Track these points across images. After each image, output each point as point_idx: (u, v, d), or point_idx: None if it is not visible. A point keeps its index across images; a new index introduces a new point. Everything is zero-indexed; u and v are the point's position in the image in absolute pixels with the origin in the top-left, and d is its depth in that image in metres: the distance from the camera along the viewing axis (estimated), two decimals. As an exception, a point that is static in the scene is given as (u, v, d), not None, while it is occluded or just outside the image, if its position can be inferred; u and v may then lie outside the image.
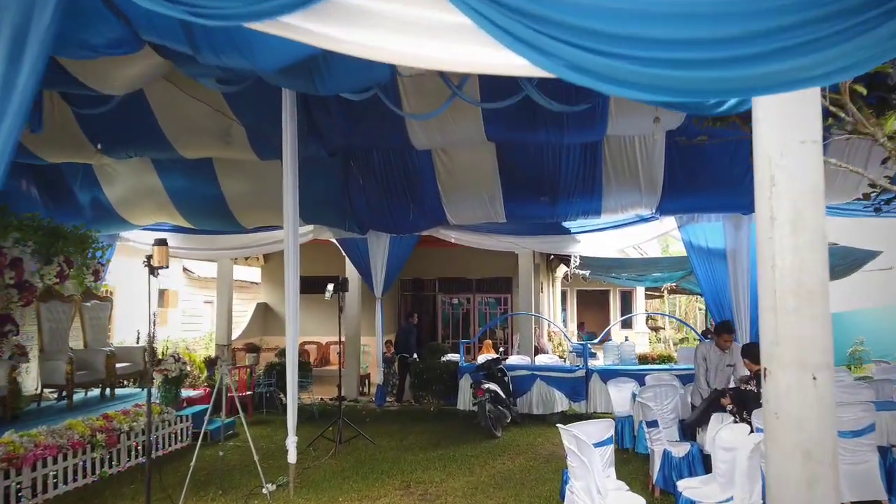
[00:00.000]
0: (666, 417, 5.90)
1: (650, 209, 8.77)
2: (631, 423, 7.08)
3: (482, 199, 8.75)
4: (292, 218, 6.00)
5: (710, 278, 9.39)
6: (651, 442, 5.31)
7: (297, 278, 5.94)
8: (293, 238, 5.97)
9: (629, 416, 7.13)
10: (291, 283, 5.90)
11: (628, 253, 12.07)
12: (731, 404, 4.91)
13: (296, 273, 5.92)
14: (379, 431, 8.70)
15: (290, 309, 5.88)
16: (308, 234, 10.65)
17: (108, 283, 16.33)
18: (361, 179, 8.67)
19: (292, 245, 5.94)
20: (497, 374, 9.14)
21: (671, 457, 5.13)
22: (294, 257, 5.91)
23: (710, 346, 6.10)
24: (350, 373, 11.48)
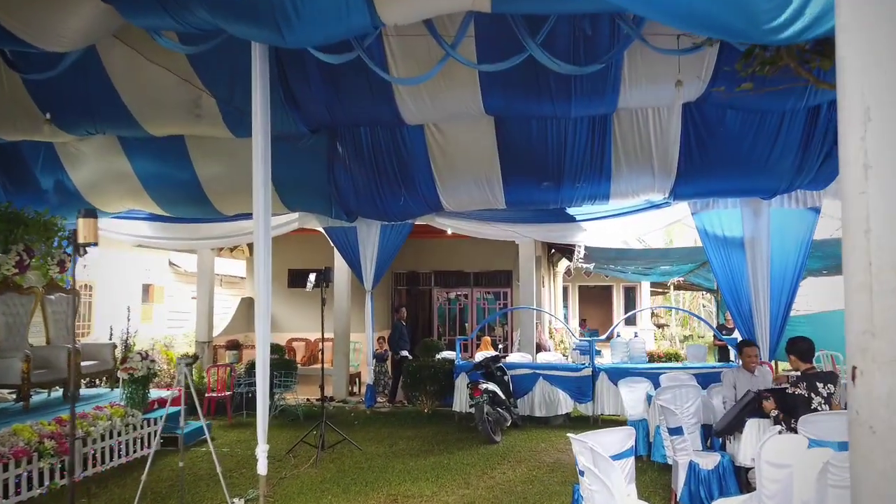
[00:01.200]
0: (688, 423, 5.21)
1: (663, 193, 8.08)
2: (645, 428, 6.40)
3: (480, 183, 8.05)
4: (262, 201, 5.29)
5: (726, 269, 8.72)
6: (674, 452, 4.62)
7: (268, 269, 5.24)
8: (263, 225, 5.26)
9: (643, 419, 6.45)
10: (262, 275, 5.20)
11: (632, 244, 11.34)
12: (775, 409, 4.21)
13: (266, 264, 5.21)
14: (367, 436, 8.01)
15: (260, 304, 5.18)
16: (293, 222, 9.98)
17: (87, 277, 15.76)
18: (348, 161, 7.96)
19: (262, 233, 5.24)
20: (496, 373, 8.46)
21: (698, 469, 4.45)
22: (265, 246, 5.21)
23: (738, 371, 5.40)
24: (339, 372, 10.80)
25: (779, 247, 8.47)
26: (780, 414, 4.16)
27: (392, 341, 10.41)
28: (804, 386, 4.10)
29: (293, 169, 8.23)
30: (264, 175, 5.38)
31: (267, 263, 5.28)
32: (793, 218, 8.46)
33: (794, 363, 4.33)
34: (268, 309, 5.29)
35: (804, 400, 4.05)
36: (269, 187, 5.53)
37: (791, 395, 4.13)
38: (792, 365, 4.33)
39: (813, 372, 4.21)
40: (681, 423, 4.51)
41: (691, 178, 7.60)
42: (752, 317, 8.59)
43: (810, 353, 4.25)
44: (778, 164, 7.28)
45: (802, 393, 4.08)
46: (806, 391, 4.07)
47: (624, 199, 8.37)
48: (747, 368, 5.33)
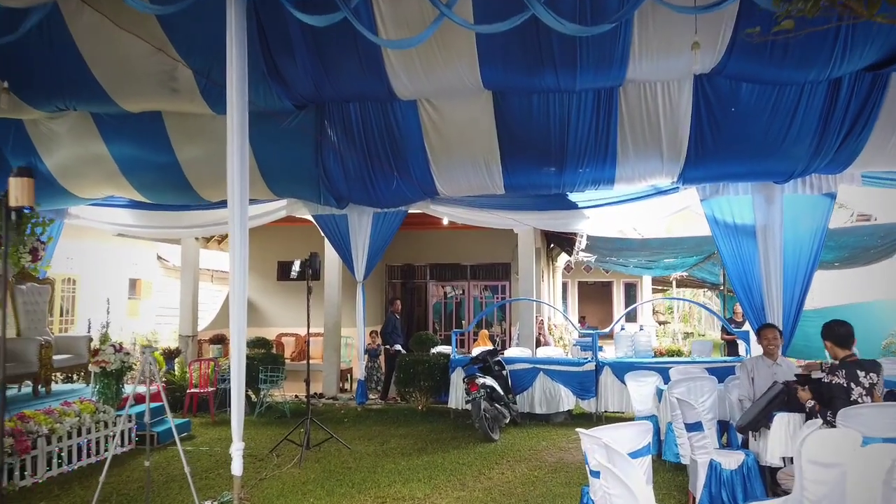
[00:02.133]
0: (704, 419, 4.77)
1: (671, 178, 7.65)
2: (655, 425, 5.96)
3: (477, 166, 7.61)
4: (238, 185, 4.85)
5: (736, 259, 8.30)
6: (693, 450, 4.18)
7: (243, 259, 4.82)
8: (239, 210, 4.83)
9: (652, 415, 6.02)
10: (237, 265, 4.78)
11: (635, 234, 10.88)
12: (811, 399, 3.78)
13: (242, 254, 4.79)
14: (356, 434, 7.57)
15: (235, 296, 4.75)
16: (280, 210, 9.53)
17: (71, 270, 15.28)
18: (337, 142, 7.52)
19: (238, 219, 4.81)
20: (494, 367, 8.03)
21: (720, 470, 4.02)
22: (240, 235, 4.79)
23: (757, 360, 4.94)
24: (329, 367, 10.36)
25: (792, 235, 8.07)
26: (816, 405, 3.72)
27: (385, 334, 9.96)
28: (843, 374, 3.66)
29: (279, 152, 7.80)
30: (240, 155, 4.94)
31: (242, 253, 4.87)
32: (807, 204, 8.06)
33: (830, 350, 3.90)
34: (243, 301, 4.87)
35: (842, 390, 3.61)
36: (245, 169, 5.09)
37: (827, 385, 3.70)
38: (830, 351, 3.90)
39: (853, 360, 3.78)
40: (699, 417, 4.08)
41: (702, 160, 7.17)
42: (763, 309, 8.18)
43: (850, 338, 3.82)
44: (795, 144, 6.87)
45: (840, 382, 3.64)
46: (845, 380, 3.64)
47: (629, 185, 7.94)
48: (768, 354, 4.88)
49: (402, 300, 15.44)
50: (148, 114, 7.35)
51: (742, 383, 4.77)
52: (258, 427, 8.10)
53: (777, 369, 4.74)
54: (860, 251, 9.91)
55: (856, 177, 8.00)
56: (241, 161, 4.90)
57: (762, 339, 4.97)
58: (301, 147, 7.65)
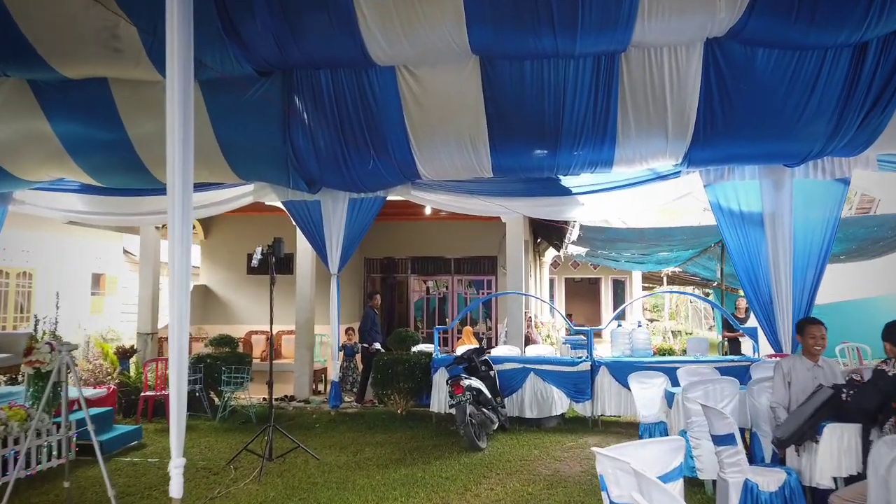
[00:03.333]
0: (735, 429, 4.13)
1: (675, 159, 7.03)
2: (663, 432, 5.32)
3: (463, 145, 6.92)
4: (179, 162, 4.11)
5: (742, 249, 7.73)
6: (723, 467, 3.52)
7: (185, 249, 4.09)
8: (181, 192, 4.08)
9: (659, 422, 5.38)
10: (178, 255, 4.04)
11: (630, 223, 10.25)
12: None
13: (183, 243, 4.06)
14: (327, 442, 6.86)
15: (175, 290, 4.02)
16: (246, 195, 8.78)
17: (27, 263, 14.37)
18: (306, 116, 6.78)
19: (179, 203, 4.06)
20: (480, 367, 7.36)
21: (756, 492, 3.38)
22: (181, 221, 4.04)
23: (796, 359, 4.25)
24: (301, 368, 9.62)
25: (802, 224, 7.52)
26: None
27: (363, 332, 9.23)
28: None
29: (242, 127, 7.04)
30: (181, 126, 4.18)
31: (184, 242, 4.12)
32: (818, 190, 7.51)
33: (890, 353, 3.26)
34: (184, 297, 4.12)
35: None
36: (189, 142, 4.33)
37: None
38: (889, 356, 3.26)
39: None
40: (731, 428, 3.43)
41: (710, 139, 6.56)
42: (771, 303, 7.61)
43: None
44: (813, 121, 6.27)
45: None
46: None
47: (629, 167, 7.30)
48: (809, 354, 4.24)
49: (381, 296, 14.75)
50: (93, 82, 6.57)
51: (776, 387, 4.14)
52: (219, 434, 7.35)
53: (818, 372, 4.11)
54: (869, 243, 9.39)
55: (871, 160, 7.45)
56: (183, 132, 4.15)
57: (806, 337, 4.29)
58: (266, 122, 6.90)
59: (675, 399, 4.86)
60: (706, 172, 7.69)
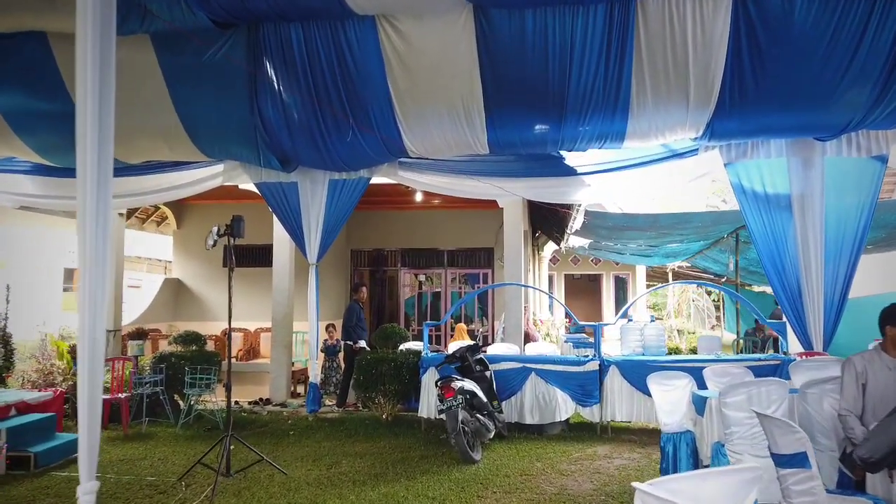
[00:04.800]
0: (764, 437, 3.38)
1: (695, 131, 6.29)
2: (690, 444, 4.56)
3: (456, 115, 6.18)
4: (91, 132, 3.38)
5: (767, 235, 7.02)
6: (789, 495, 2.73)
7: (102, 241, 3.34)
8: (92, 179, 3.36)
9: (685, 431, 4.62)
10: (89, 246, 3.29)
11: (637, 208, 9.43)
12: None
13: (98, 235, 3.32)
14: (300, 452, 6.08)
15: (85, 287, 3.26)
16: (215, 177, 8.01)
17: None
18: (276, 80, 6.01)
19: (90, 191, 3.33)
20: (475, 367, 6.60)
21: (835, 530, 2.61)
22: (93, 211, 3.31)
23: (872, 356, 3.42)
24: (278, 368, 8.84)
25: (834, 207, 6.81)
26: None
27: (347, 328, 8.41)
28: None
29: (203, 94, 6.31)
30: (93, 85, 3.44)
31: (100, 234, 3.38)
32: (852, 169, 6.81)
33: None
34: (100, 296, 3.37)
35: None
36: (108, 103, 3.60)
37: None
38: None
39: None
40: (803, 446, 2.65)
41: (738, 106, 5.84)
42: (800, 296, 6.90)
43: None
44: (856, 85, 5.56)
45: None
46: None
47: (643, 141, 6.56)
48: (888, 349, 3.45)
49: (370, 291, 13.96)
50: (31, 42, 5.81)
51: (846, 391, 3.37)
52: (178, 443, 6.57)
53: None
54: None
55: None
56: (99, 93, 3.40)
57: (892, 334, 3.44)
58: (230, 87, 6.15)
59: (707, 405, 4.11)
60: (727, 149, 6.97)
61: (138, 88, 6.25)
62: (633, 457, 5.82)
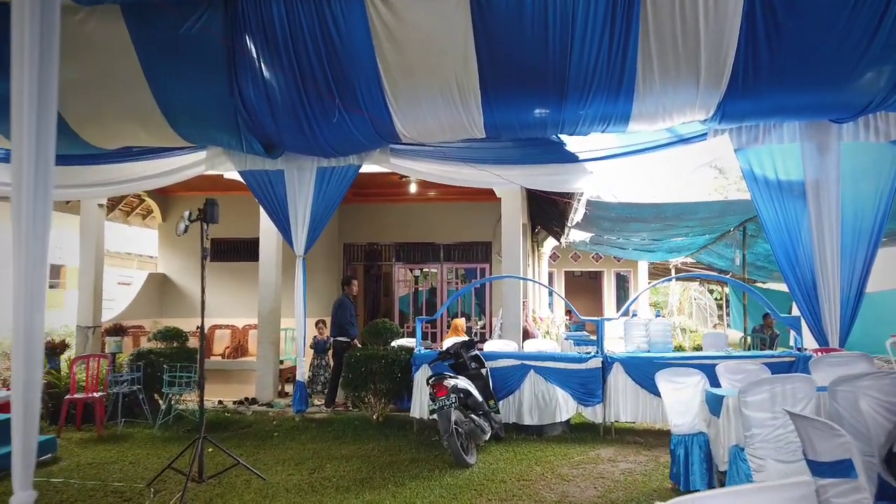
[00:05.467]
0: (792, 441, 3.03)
1: (705, 112, 5.94)
2: (703, 447, 4.18)
3: (449, 96, 5.82)
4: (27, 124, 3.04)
5: (780, 225, 6.67)
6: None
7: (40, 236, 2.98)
8: (29, 167, 3.01)
9: (698, 433, 4.25)
10: (24, 241, 2.93)
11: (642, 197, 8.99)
12: None
13: (35, 228, 2.96)
14: (283, 455, 5.71)
15: (20, 283, 2.90)
16: (198, 164, 7.63)
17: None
18: (257, 58, 5.64)
19: (27, 180, 3.00)
20: (470, 364, 6.23)
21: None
22: (29, 202, 2.96)
23: None
24: (265, 366, 8.47)
25: (851, 195, 6.49)
26: None
27: (342, 324, 7.98)
28: None
29: (179, 74, 5.94)
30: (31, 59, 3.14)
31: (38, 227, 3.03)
32: (870, 155, 6.50)
33: None
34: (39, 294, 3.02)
35: None
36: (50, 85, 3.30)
37: None
38: None
39: None
40: (848, 451, 2.28)
41: (751, 85, 5.49)
42: (815, 289, 6.55)
43: None
44: (878, 62, 5.19)
45: None
46: None
47: (649, 123, 6.20)
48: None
49: (364, 287, 13.58)
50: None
51: (891, 386, 3.00)
52: (154, 445, 6.20)
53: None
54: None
55: None
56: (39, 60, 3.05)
57: None
58: (208, 65, 5.78)
59: (724, 404, 3.74)
60: (738, 134, 6.61)
61: (110, 67, 5.89)
62: (639, 460, 5.45)
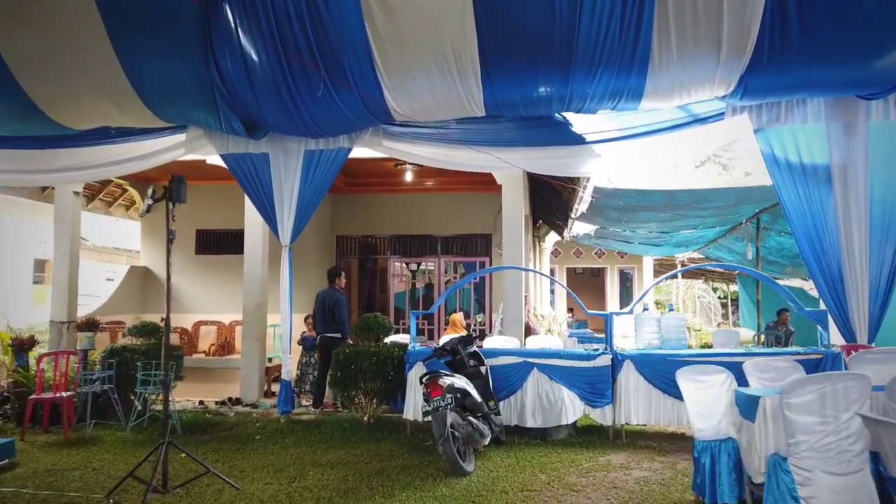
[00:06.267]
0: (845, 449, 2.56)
1: (725, 87, 5.50)
2: (732, 455, 3.71)
3: (446, 68, 5.37)
4: None
5: (804, 212, 6.21)
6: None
7: None
8: None
9: (727, 439, 3.78)
10: None
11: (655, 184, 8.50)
12: None
13: None
14: (263, 461, 5.24)
15: None
16: (176, 147, 7.15)
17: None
18: (234, 26, 5.17)
19: None
20: (468, 362, 5.77)
21: None
22: None
23: None
24: (250, 364, 8.03)
25: (881, 178, 6.01)
26: None
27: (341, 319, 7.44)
28: None
29: (150, 44, 5.47)
30: None
31: None
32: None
33: None
34: None
35: None
36: None
37: None
38: None
39: None
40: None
41: (778, 56, 5.03)
42: (842, 282, 6.07)
43: None
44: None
45: None
46: None
47: (664, 100, 5.75)
48: None
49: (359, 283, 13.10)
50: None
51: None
52: (125, 448, 5.75)
53: None
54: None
55: None
56: None
57: None
58: (183, 36, 5.30)
59: (760, 406, 3.26)
60: (758, 113, 6.13)
61: (76, 39, 5.43)
62: (654, 467, 4.97)
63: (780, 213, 9.29)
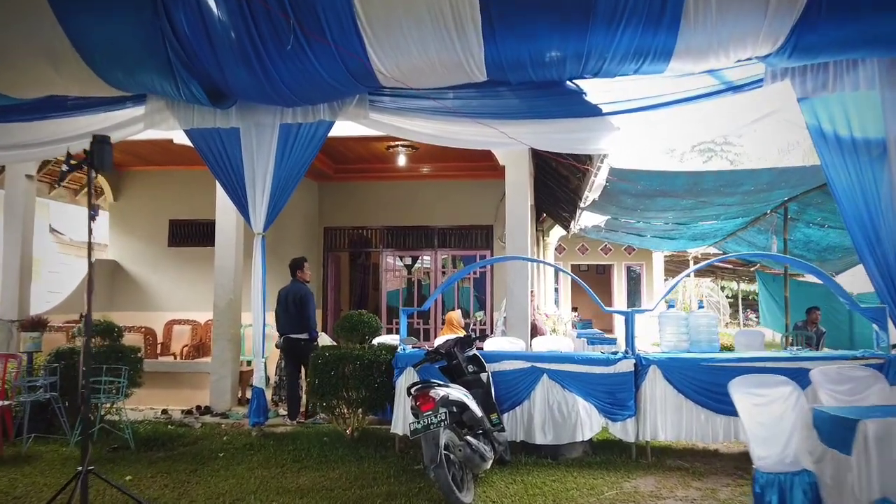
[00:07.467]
0: None
1: (771, 44, 4.73)
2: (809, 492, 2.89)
3: (441, 19, 4.60)
4: None
5: (854, 192, 5.48)
6: None
7: None
8: None
9: (800, 472, 2.95)
10: None
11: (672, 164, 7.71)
12: None
13: None
14: (220, 487, 4.43)
15: None
16: (135, 122, 6.30)
17: None
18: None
19: None
20: (466, 367, 4.93)
21: None
22: None
23: None
24: (221, 367, 7.22)
25: (944, 153, 5.17)
26: None
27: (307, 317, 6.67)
28: None
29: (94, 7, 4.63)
30: None
31: None
32: (969, 106, 5.15)
33: None
34: None
35: None
36: None
37: None
38: None
39: None
40: None
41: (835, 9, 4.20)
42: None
43: None
44: None
45: None
46: None
47: (695, 62, 4.97)
48: None
49: (350, 280, 12.30)
50: None
51: None
52: (65, 467, 4.95)
53: None
54: None
55: None
56: None
57: None
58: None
59: (860, 433, 2.44)
60: (802, 80, 5.34)
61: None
62: (690, 496, 4.16)
63: (811, 201, 8.50)
